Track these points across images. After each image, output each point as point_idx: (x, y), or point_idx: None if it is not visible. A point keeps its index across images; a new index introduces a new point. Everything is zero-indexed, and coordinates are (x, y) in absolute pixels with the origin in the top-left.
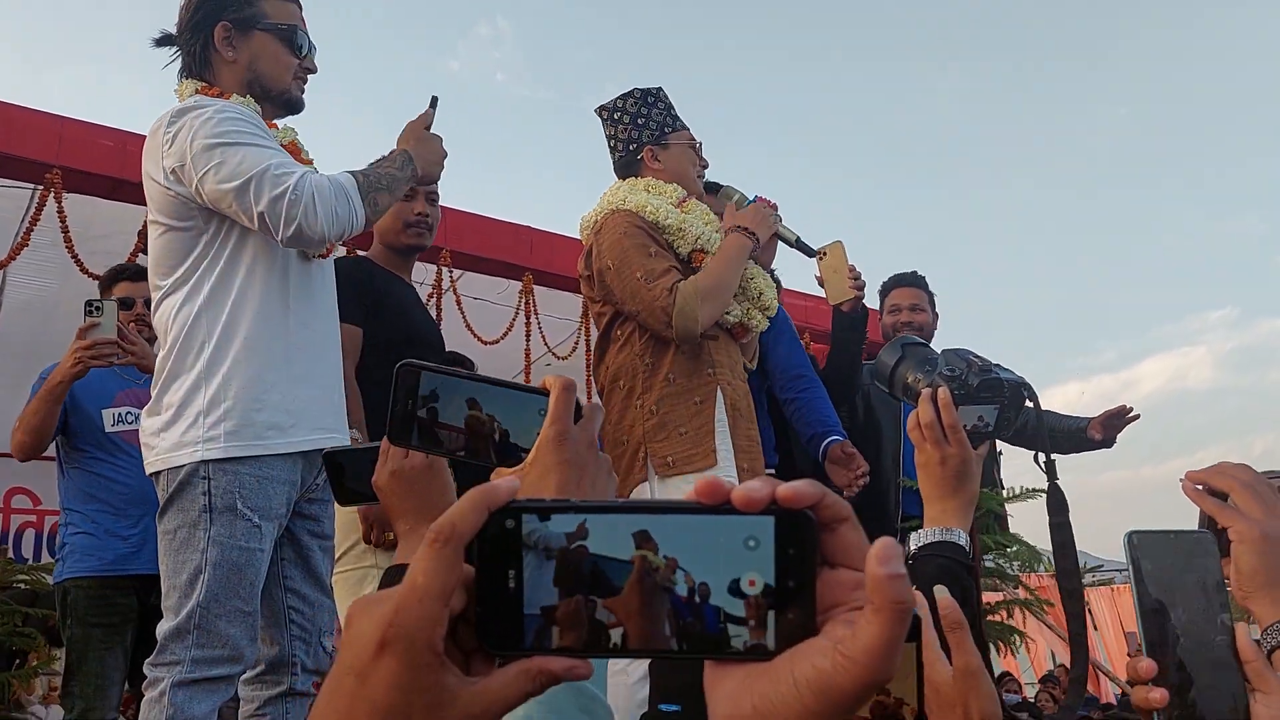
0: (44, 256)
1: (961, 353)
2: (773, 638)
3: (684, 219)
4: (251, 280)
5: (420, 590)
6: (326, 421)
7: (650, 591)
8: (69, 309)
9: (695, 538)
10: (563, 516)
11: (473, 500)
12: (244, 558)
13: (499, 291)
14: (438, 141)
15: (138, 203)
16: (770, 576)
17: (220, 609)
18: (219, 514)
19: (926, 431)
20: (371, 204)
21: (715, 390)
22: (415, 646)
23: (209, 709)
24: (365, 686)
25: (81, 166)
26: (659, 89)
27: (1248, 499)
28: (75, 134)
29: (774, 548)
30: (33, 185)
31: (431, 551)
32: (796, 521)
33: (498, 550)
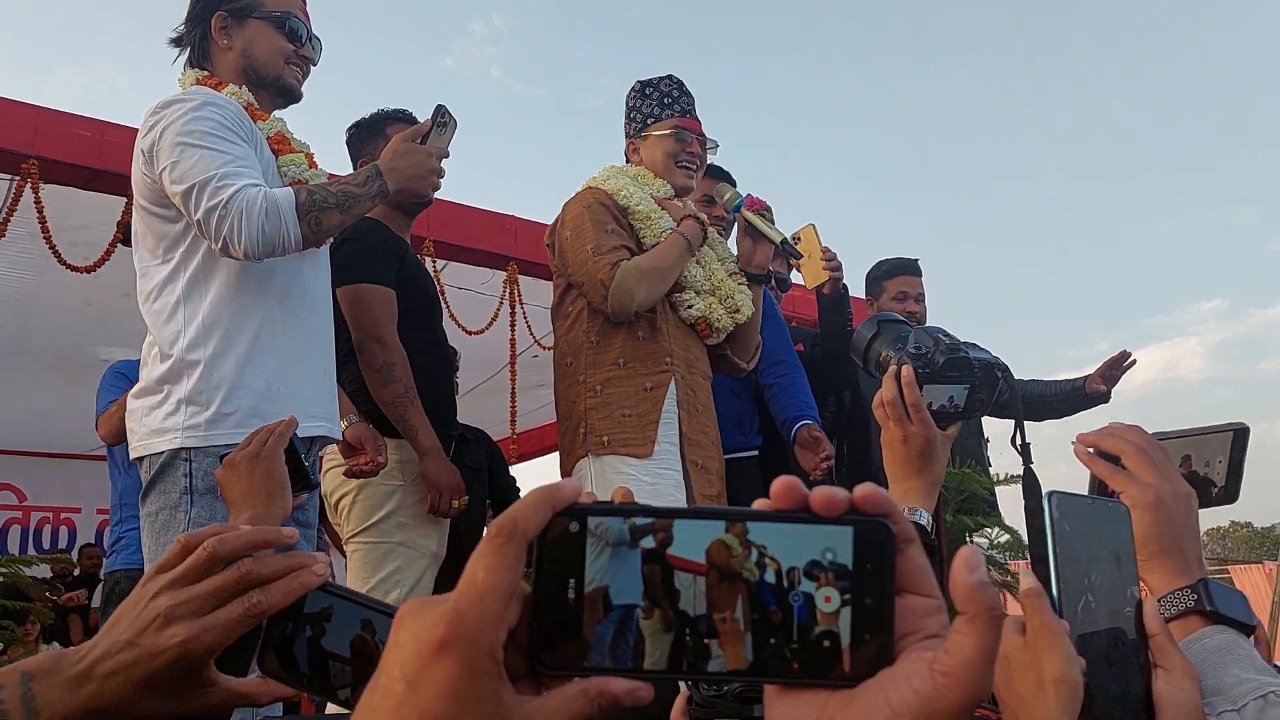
0: (22, 248)
1: (932, 331)
2: (849, 661)
3: (654, 210)
4: (233, 267)
5: (481, 589)
6: (314, 409)
7: (731, 606)
8: (48, 300)
9: (775, 548)
10: (633, 522)
11: (536, 498)
12: None
13: (483, 281)
14: (422, 154)
15: (116, 193)
16: (848, 594)
17: None
18: (199, 496)
19: (889, 409)
20: (312, 223)
21: (669, 380)
22: (476, 650)
23: None
24: (416, 693)
25: (59, 157)
26: (661, 79)
27: (1141, 463)
28: (52, 124)
29: (852, 560)
30: (9, 176)
31: (493, 548)
32: (876, 531)
33: (559, 556)
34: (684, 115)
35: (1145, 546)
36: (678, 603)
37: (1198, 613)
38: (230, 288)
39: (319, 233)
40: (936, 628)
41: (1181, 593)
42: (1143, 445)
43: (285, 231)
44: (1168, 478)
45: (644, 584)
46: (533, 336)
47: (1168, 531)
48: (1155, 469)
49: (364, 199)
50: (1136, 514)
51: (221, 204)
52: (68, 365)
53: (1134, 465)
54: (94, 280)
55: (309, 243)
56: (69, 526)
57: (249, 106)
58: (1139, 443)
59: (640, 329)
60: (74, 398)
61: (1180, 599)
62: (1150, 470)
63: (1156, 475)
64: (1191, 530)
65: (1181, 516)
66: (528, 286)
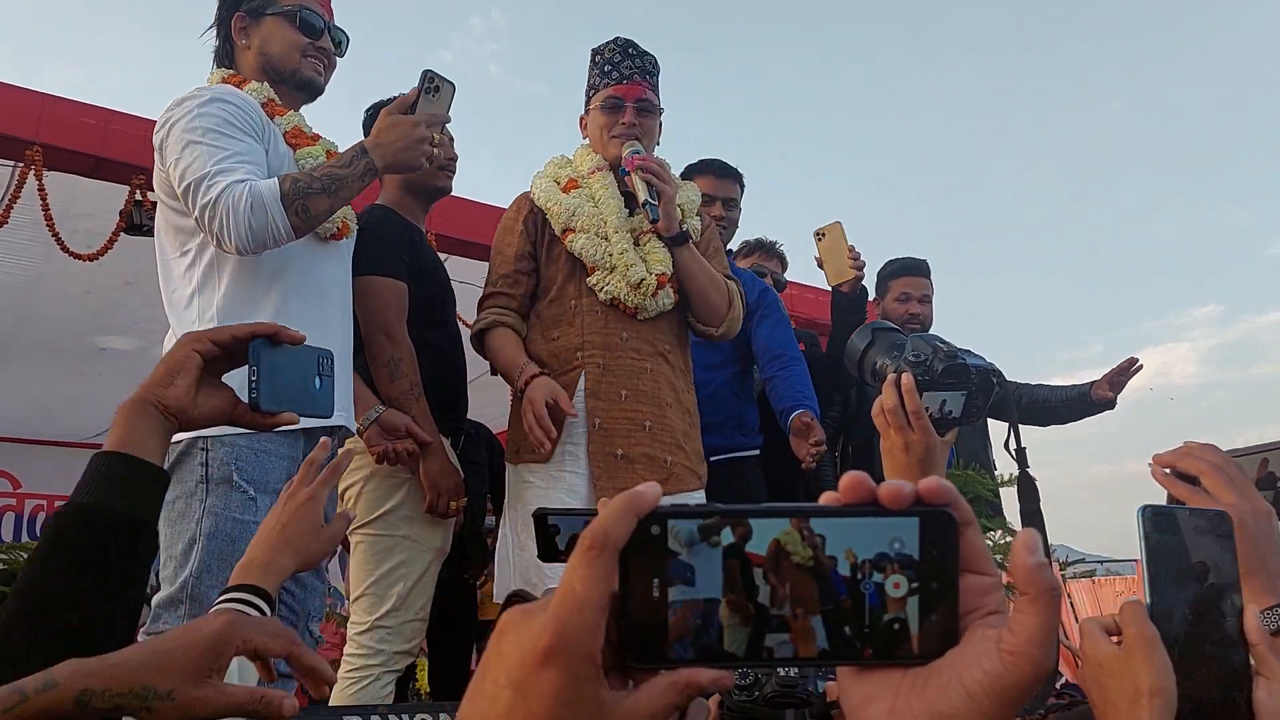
0: (25, 235)
1: (929, 338)
2: (920, 643)
3: (556, 200)
4: (244, 261)
5: (580, 600)
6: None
7: (806, 596)
8: (48, 288)
9: (844, 537)
10: (710, 522)
11: (622, 506)
12: (238, 529)
13: (483, 276)
14: (406, 125)
15: (120, 182)
16: (916, 579)
17: (213, 580)
18: (215, 485)
19: (890, 417)
20: (299, 211)
21: (576, 378)
22: (578, 657)
23: None
24: (525, 699)
25: (63, 144)
26: (606, 44)
27: (1219, 482)
28: (57, 111)
29: (919, 549)
30: (13, 163)
31: (587, 559)
32: (940, 521)
33: (644, 558)
34: (621, 82)
35: None
36: (756, 596)
37: None
38: (243, 279)
39: (308, 219)
40: (996, 604)
41: (1272, 611)
42: (1220, 464)
43: (273, 223)
44: (1247, 497)
45: (724, 579)
46: None
47: (1252, 551)
48: (1235, 489)
49: (350, 180)
50: None
51: (210, 203)
52: (66, 353)
53: (1213, 485)
54: (95, 269)
55: (301, 231)
56: None
57: (269, 102)
58: (1217, 462)
59: (558, 327)
60: (71, 386)
61: (1271, 618)
62: (1230, 490)
63: (1236, 495)
64: (1275, 548)
65: (1264, 535)
66: None
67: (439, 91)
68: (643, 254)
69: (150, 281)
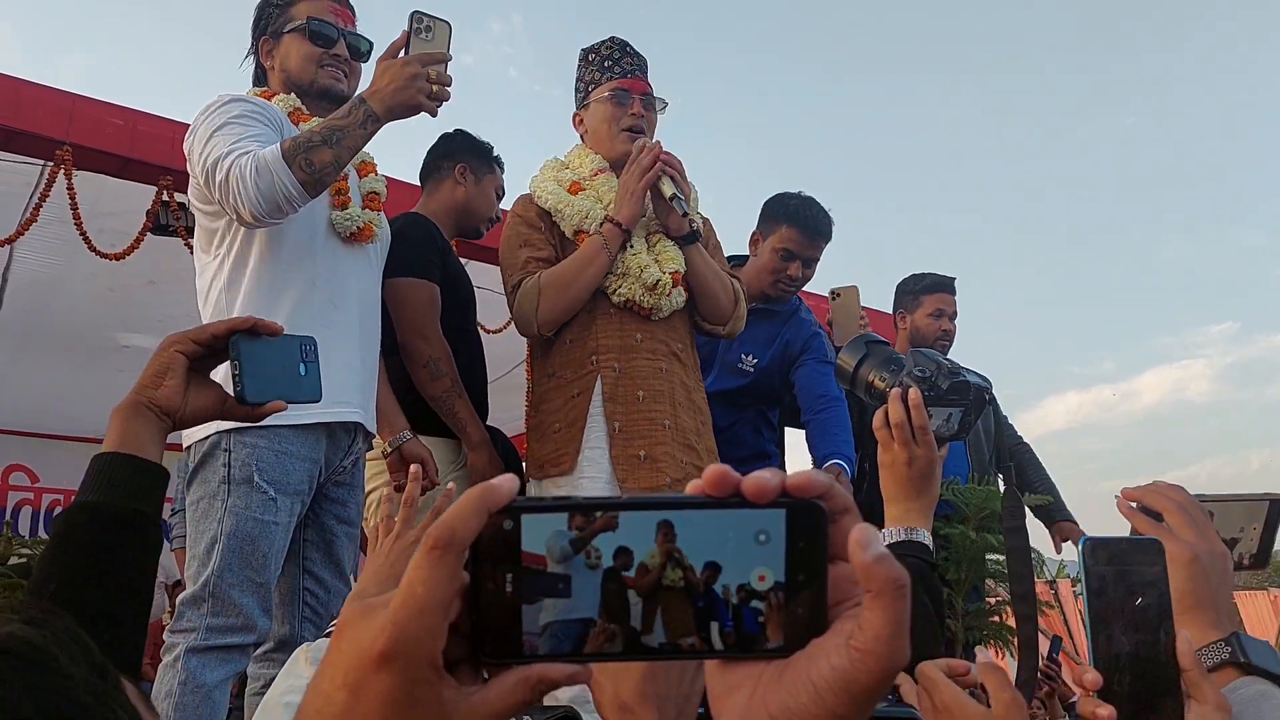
0: (52, 233)
1: (929, 354)
2: (783, 634)
3: (566, 201)
4: (265, 261)
5: (420, 602)
6: (349, 397)
7: (661, 590)
8: (75, 286)
9: (707, 532)
10: (564, 515)
11: (471, 503)
12: (258, 529)
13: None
14: (398, 65)
15: (147, 182)
16: (781, 571)
17: (234, 578)
18: (236, 485)
19: (896, 432)
20: (303, 165)
21: (594, 380)
22: (415, 661)
23: (221, 677)
24: (360, 702)
25: (92, 144)
26: (602, 41)
27: (1181, 521)
28: (86, 112)
29: (785, 541)
30: (43, 161)
31: (430, 560)
32: (807, 513)
33: (495, 553)
34: (624, 76)
35: (1181, 600)
36: (612, 588)
37: (1233, 664)
38: (263, 276)
39: (314, 172)
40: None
41: (1216, 645)
42: (1184, 503)
43: (279, 182)
44: (1205, 536)
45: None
46: None
47: (1204, 587)
48: (1195, 527)
49: (351, 128)
50: (1174, 569)
51: (222, 179)
52: (87, 349)
53: (1175, 522)
54: (119, 267)
55: (310, 186)
56: None
57: (294, 111)
58: (1181, 500)
59: (570, 333)
60: (90, 381)
61: (1216, 651)
62: (1190, 528)
63: (1195, 533)
64: (1226, 587)
65: (1217, 574)
66: None
67: (432, 31)
68: (654, 254)
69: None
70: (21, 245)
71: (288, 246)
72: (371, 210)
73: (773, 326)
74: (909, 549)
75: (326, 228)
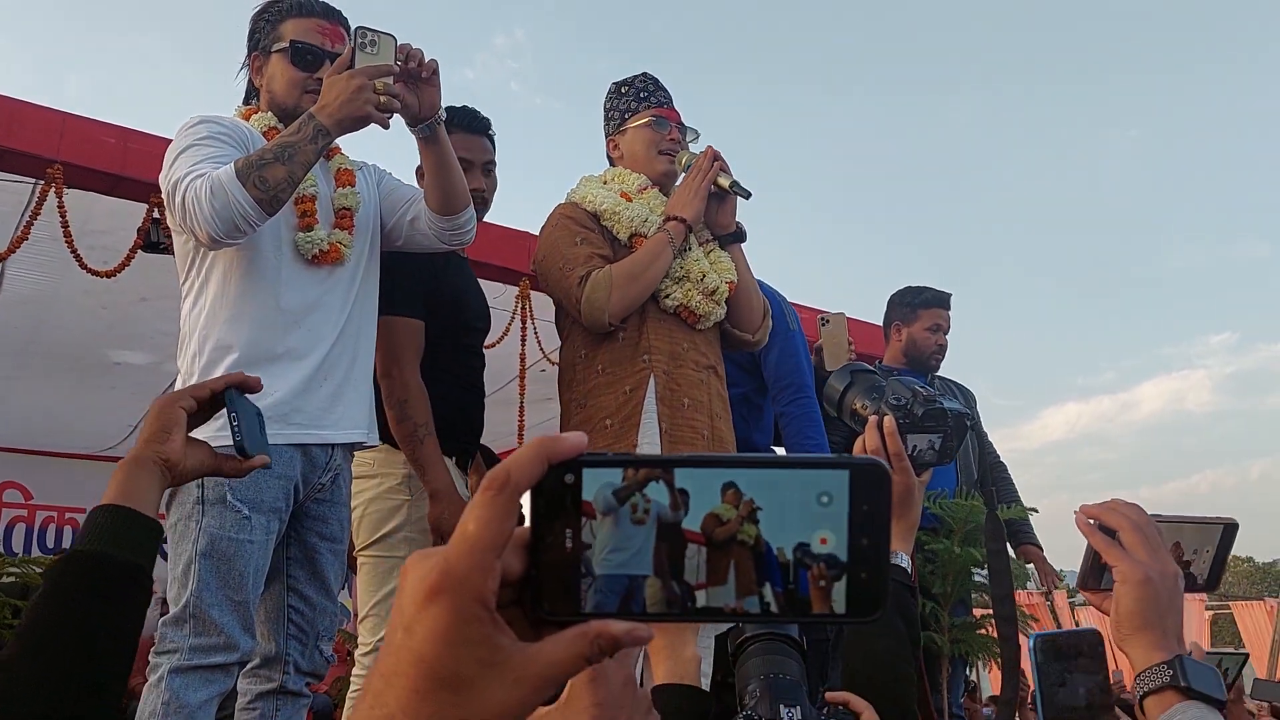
0: (43, 251)
1: (907, 382)
2: (844, 600)
3: (622, 204)
4: (228, 283)
5: (472, 539)
6: (318, 419)
7: (731, 548)
8: (67, 304)
9: (773, 492)
10: (634, 487)
11: (533, 450)
12: (233, 548)
13: (495, 296)
14: (343, 79)
15: (138, 200)
16: (845, 534)
17: (213, 598)
18: (210, 505)
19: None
20: (256, 183)
21: (647, 378)
22: (464, 597)
23: (205, 697)
24: (412, 638)
25: (83, 162)
26: (635, 76)
27: (1136, 540)
28: (77, 130)
29: (849, 503)
30: (34, 180)
31: (485, 499)
32: (870, 474)
33: (556, 507)
34: (659, 106)
35: (1130, 620)
36: (677, 546)
37: (1173, 688)
38: (226, 298)
39: (268, 189)
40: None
41: (1159, 668)
42: (1140, 524)
43: (234, 200)
44: (1158, 557)
45: (644, 530)
46: (542, 351)
47: (1152, 608)
48: (1148, 547)
49: (302, 144)
50: (1125, 589)
51: (179, 202)
52: (79, 367)
53: (1129, 542)
54: (112, 285)
55: (266, 204)
56: (73, 526)
57: (269, 130)
58: (1137, 520)
59: (622, 330)
60: (83, 399)
61: (1158, 674)
62: (1144, 548)
63: (1148, 554)
64: (1175, 609)
65: (1167, 595)
66: (540, 302)
67: (377, 45)
68: (711, 262)
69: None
70: (13, 263)
71: (250, 269)
72: (342, 230)
73: None
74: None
75: (291, 250)
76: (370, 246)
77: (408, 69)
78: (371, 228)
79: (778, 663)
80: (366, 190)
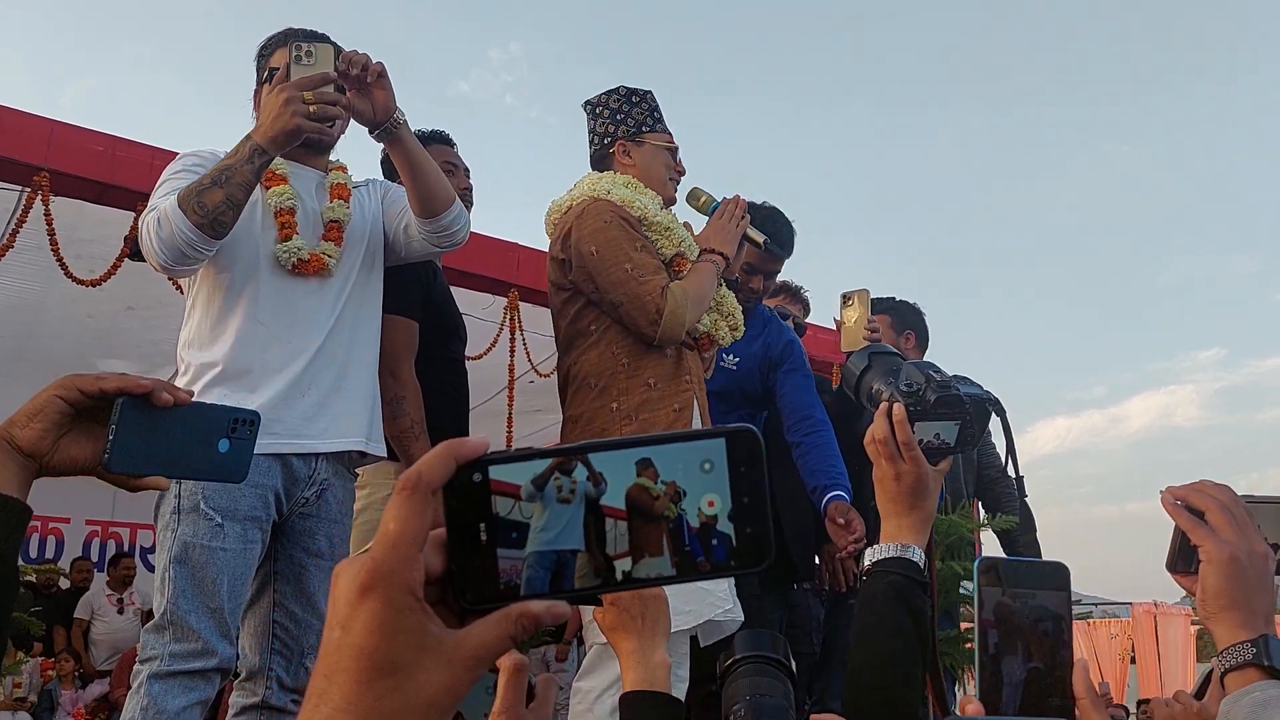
0: (29, 259)
1: (923, 366)
2: (734, 553)
3: (670, 219)
4: (210, 297)
5: (394, 535)
6: (307, 430)
7: (644, 522)
8: (54, 312)
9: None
10: (537, 463)
11: (440, 452)
12: (205, 556)
13: (484, 307)
14: (274, 95)
15: (125, 208)
16: (727, 496)
17: (189, 605)
18: (185, 515)
19: (880, 448)
20: (196, 209)
21: (691, 399)
22: (394, 588)
23: (185, 704)
24: (350, 634)
25: (70, 170)
26: (648, 91)
27: (1223, 520)
28: (65, 137)
29: (728, 468)
30: (20, 187)
31: (400, 499)
32: (744, 439)
33: (467, 504)
34: (667, 132)
35: (1216, 599)
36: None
37: (1255, 665)
38: (209, 311)
39: (208, 214)
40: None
41: (1243, 645)
42: (1227, 503)
43: (176, 229)
44: (1246, 536)
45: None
46: (530, 363)
47: (1239, 586)
48: (1236, 527)
49: (239, 165)
50: (1211, 568)
51: (141, 236)
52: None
53: (1216, 521)
54: (97, 293)
55: (207, 228)
56: (56, 536)
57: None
58: (1224, 500)
59: (670, 350)
60: None
61: (1240, 651)
62: (1231, 528)
63: (1236, 533)
64: (1266, 589)
65: (1256, 574)
66: (528, 313)
67: (314, 55)
68: (734, 302)
69: (151, 306)
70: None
71: (232, 285)
72: (328, 242)
73: (751, 328)
74: (898, 566)
75: (271, 263)
76: (365, 259)
77: (351, 75)
78: (366, 241)
79: (765, 684)
80: (364, 206)
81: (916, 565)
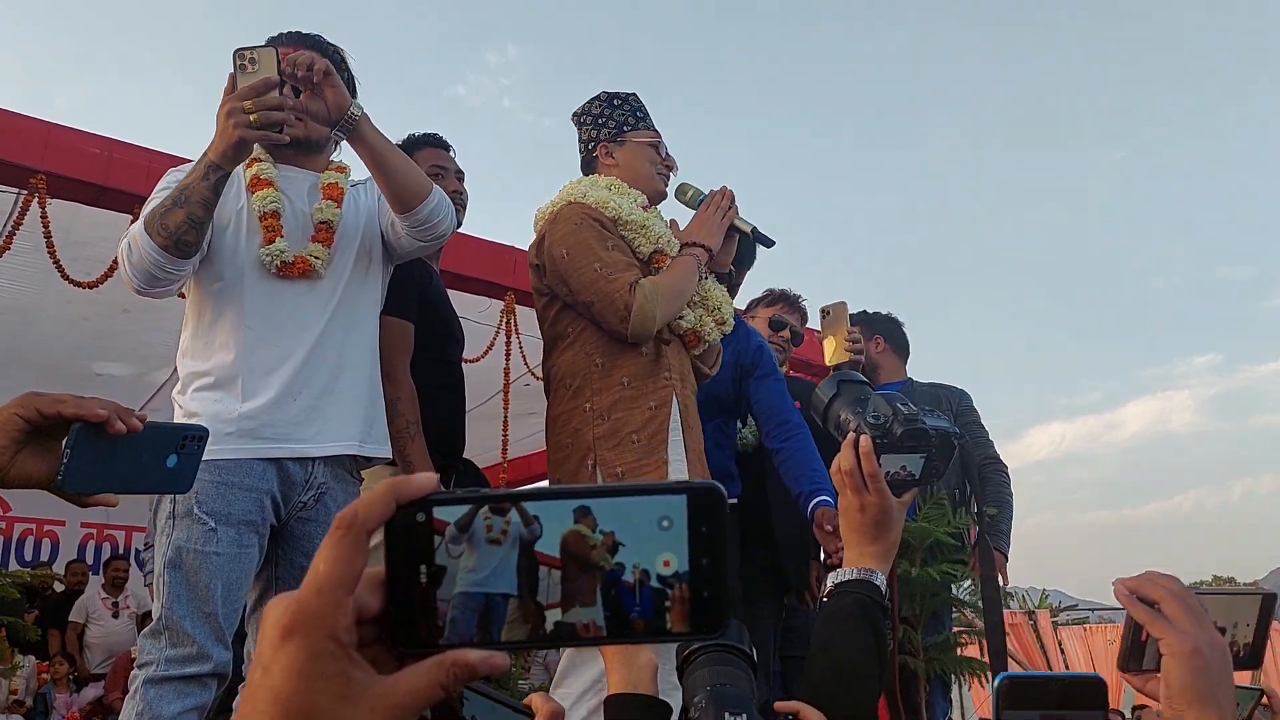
0: (25, 261)
1: (890, 398)
2: (688, 618)
3: (647, 217)
4: (198, 304)
5: (322, 578)
6: (287, 432)
7: (581, 572)
8: (46, 313)
9: (620, 519)
10: (479, 507)
11: (381, 491)
12: (198, 560)
13: (481, 310)
14: (220, 106)
15: (121, 210)
16: (685, 557)
17: (183, 609)
18: (179, 519)
19: (846, 478)
20: (159, 230)
21: (670, 396)
22: (317, 633)
23: (179, 710)
24: (269, 677)
25: (66, 172)
26: (629, 94)
27: (1178, 610)
28: (61, 140)
29: (687, 527)
30: (16, 189)
31: (334, 539)
32: (707, 496)
33: (408, 545)
34: (652, 130)
35: (1182, 695)
36: (529, 575)
37: None
38: (201, 317)
39: (172, 234)
40: None
41: None
42: (1180, 594)
43: (143, 252)
44: (1204, 627)
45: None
46: (527, 365)
47: (1204, 679)
48: (1193, 617)
49: (195, 183)
50: (1175, 661)
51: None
52: (61, 377)
53: (1171, 612)
54: (94, 296)
55: (174, 250)
56: (51, 539)
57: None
58: (1177, 591)
59: (645, 347)
60: None
61: None
62: (1188, 618)
63: (1193, 623)
64: (1227, 681)
65: (1218, 666)
66: (525, 316)
67: (257, 62)
68: (721, 294)
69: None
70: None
71: (220, 293)
72: (317, 243)
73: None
74: (859, 588)
75: (256, 267)
76: (358, 260)
77: (299, 76)
78: (360, 241)
79: (726, 673)
80: (359, 205)
81: (878, 588)
